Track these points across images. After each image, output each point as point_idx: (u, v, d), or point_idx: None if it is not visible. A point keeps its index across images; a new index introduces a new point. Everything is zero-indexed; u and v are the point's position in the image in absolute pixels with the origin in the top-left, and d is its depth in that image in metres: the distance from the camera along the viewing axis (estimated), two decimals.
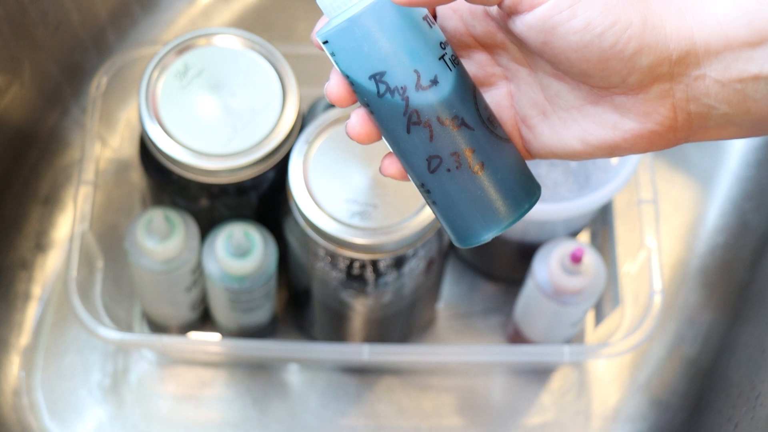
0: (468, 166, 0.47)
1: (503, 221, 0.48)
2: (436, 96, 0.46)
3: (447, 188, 0.48)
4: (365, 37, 0.46)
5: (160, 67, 0.78)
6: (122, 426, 0.90)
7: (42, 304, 0.94)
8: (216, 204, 0.82)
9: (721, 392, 0.86)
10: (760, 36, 0.44)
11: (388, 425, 0.91)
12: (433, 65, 0.46)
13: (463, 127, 0.47)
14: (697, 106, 0.45)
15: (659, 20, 0.44)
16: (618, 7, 0.44)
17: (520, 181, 0.48)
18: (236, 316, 0.86)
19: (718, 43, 0.44)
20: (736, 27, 0.44)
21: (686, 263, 0.98)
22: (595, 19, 0.43)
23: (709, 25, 0.44)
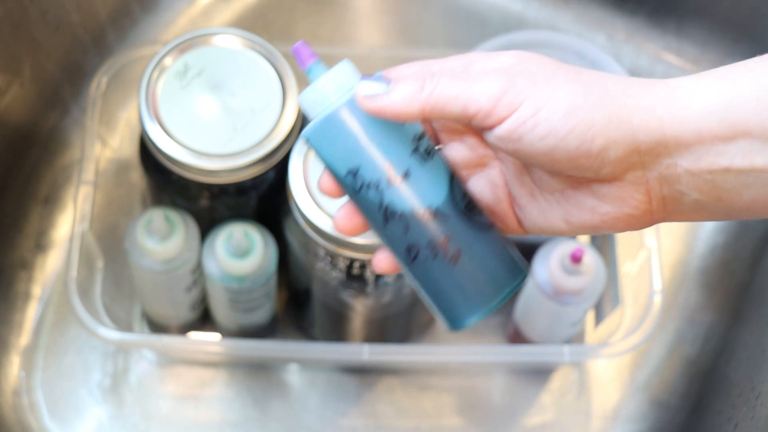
0: (444, 255, 0.48)
1: (485, 305, 0.49)
2: (409, 189, 0.48)
3: (428, 276, 0.49)
4: (339, 134, 0.48)
5: (160, 67, 0.78)
6: (122, 426, 0.90)
7: (42, 304, 0.94)
8: (216, 204, 0.81)
9: (721, 392, 0.86)
10: (733, 131, 0.45)
11: (388, 425, 0.91)
12: (405, 160, 0.48)
13: (438, 217, 0.48)
14: (670, 191, 0.47)
15: (626, 114, 0.45)
16: (582, 109, 0.45)
17: (502, 264, 0.49)
18: (236, 316, 0.86)
19: (689, 136, 0.45)
20: (709, 122, 0.45)
21: (686, 263, 0.98)
22: (557, 125, 0.45)
23: (681, 118, 0.45)
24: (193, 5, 1.05)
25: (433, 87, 0.47)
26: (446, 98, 0.46)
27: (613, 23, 1.06)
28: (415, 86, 0.47)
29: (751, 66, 0.45)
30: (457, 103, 0.46)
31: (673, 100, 0.45)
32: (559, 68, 0.47)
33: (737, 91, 0.45)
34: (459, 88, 0.46)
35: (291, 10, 1.06)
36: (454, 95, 0.46)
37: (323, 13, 1.07)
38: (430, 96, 0.46)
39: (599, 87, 0.46)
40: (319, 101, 0.48)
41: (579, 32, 1.06)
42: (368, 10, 1.08)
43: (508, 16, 1.07)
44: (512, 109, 0.46)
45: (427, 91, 0.47)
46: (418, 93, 0.47)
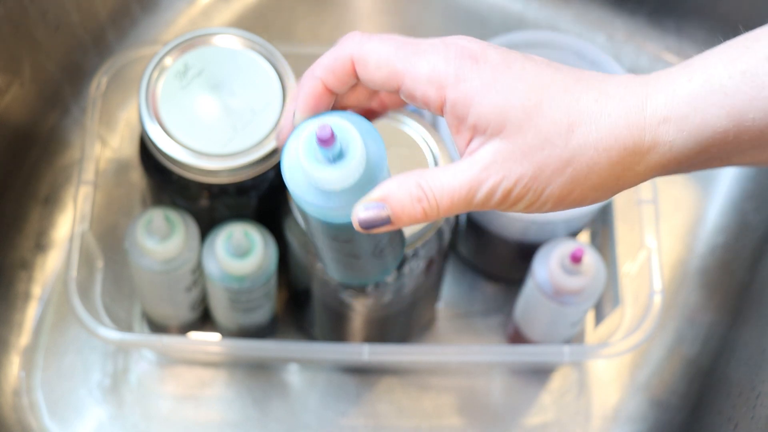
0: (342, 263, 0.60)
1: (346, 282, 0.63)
2: (342, 245, 0.56)
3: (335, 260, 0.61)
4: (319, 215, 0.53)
5: (160, 67, 0.78)
6: (122, 426, 0.90)
7: (42, 304, 0.94)
8: (216, 204, 0.81)
9: (721, 392, 0.86)
10: (711, 155, 0.47)
11: (388, 425, 0.91)
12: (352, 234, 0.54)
13: (352, 258, 0.58)
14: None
15: (613, 180, 0.47)
16: (575, 192, 0.48)
17: (374, 273, 0.62)
18: (236, 316, 0.86)
19: (670, 169, 0.48)
20: (689, 155, 0.47)
21: (686, 263, 0.98)
22: (552, 208, 0.49)
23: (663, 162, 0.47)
24: (193, 5, 1.05)
25: (436, 212, 0.49)
26: (449, 213, 0.50)
27: (613, 23, 1.06)
28: (418, 216, 0.49)
29: (725, 87, 0.46)
30: (459, 212, 0.50)
31: (655, 150, 0.47)
32: (543, 148, 0.48)
33: (717, 121, 0.46)
34: (458, 202, 0.49)
35: (291, 10, 1.06)
36: (454, 210, 0.50)
37: (323, 13, 1.06)
38: (434, 218, 0.50)
39: (586, 165, 0.47)
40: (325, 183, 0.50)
41: (579, 32, 1.06)
42: (368, 10, 1.08)
43: (508, 16, 1.07)
44: (508, 208, 0.49)
45: (431, 216, 0.50)
46: (422, 219, 0.50)
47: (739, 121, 0.45)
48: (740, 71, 0.45)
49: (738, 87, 0.45)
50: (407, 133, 0.76)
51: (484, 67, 0.48)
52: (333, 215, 0.51)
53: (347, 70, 0.51)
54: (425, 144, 0.76)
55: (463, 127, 0.49)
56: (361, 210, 0.49)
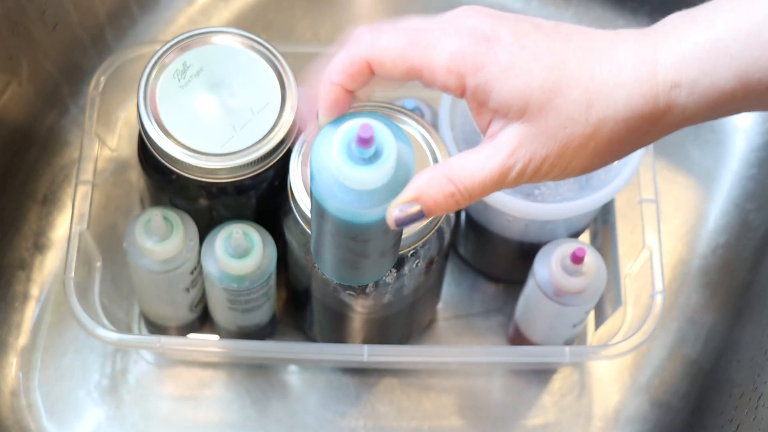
0: (349, 263, 0.61)
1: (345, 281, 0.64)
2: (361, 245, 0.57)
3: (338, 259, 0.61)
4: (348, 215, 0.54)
5: (159, 66, 0.77)
6: (121, 427, 0.90)
7: (40, 304, 0.93)
8: (215, 204, 0.81)
9: (723, 393, 0.86)
10: (721, 112, 0.49)
11: (388, 426, 0.91)
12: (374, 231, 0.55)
13: (362, 257, 0.59)
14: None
15: (632, 147, 0.50)
16: (596, 162, 0.50)
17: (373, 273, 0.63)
18: (235, 316, 0.86)
19: (681, 128, 0.49)
20: (700, 115, 0.48)
21: (688, 263, 0.98)
22: (575, 176, 0.51)
23: (677, 123, 0.49)
24: (193, 4, 1.05)
25: (468, 200, 0.51)
26: (478, 198, 0.51)
27: (614, 23, 1.05)
28: (450, 207, 0.51)
29: (731, 49, 0.47)
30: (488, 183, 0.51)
31: (669, 113, 0.48)
32: (565, 126, 0.49)
33: (725, 83, 0.47)
34: (489, 188, 0.50)
35: (291, 9, 1.06)
36: (484, 195, 0.51)
37: (323, 13, 1.06)
38: (465, 205, 0.51)
39: (607, 138, 0.49)
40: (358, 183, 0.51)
41: None
42: (368, 10, 1.08)
43: None
44: (533, 180, 0.51)
45: (463, 205, 0.51)
46: (455, 208, 0.51)
47: (746, 81, 0.46)
48: (745, 31, 0.46)
49: (743, 48, 0.46)
50: (407, 132, 0.75)
51: (499, 49, 0.49)
52: (361, 215, 0.52)
53: (364, 71, 0.52)
54: (425, 143, 0.75)
55: (484, 110, 0.50)
56: (396, 211, 0.51)
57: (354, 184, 0.50)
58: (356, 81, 0.52)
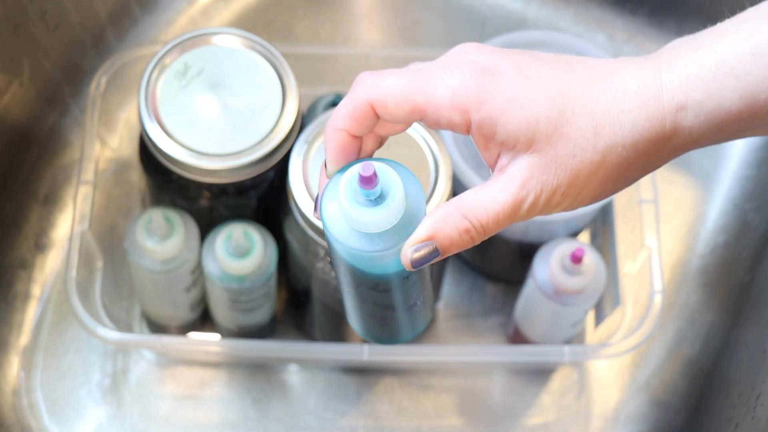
0: (375, 319, 0.58)
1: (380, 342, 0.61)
2: (383, 296, 0.55)
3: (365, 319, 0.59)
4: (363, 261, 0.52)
5: (160, 67, 0.78)
6: (121, 426, 0.90)
7: (41, 304, 0.94)
8: (216, 204, 0.81)
9: (722, 393, 0.86)
10: (728, 135, 0.48)
11: (388, 425, 0.91)
12: (394, 282, 0.54)
13: (388, 310, 0.57)
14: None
15: (642, 171, 0.49)
16: (608, 190, 0.50)
17: (407, 329, 0.60)
18: (236, 316, 0.86)
19: (690, 150, 0.49)
20: (707, 138, 0.48)
21: (687, 263, 0.98)
22: (587, 205, 0.51)
23: (685, 146, 0.49)
24: (193, 5, 1.05)
25: (482, 237, 0.51)
26: (492, 233, 0.51)
27: (614, 23, 1.06)
28: (466, 245, 0.50)
29: (737, 70, 0.47)
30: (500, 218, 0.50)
31: (676, 136, 0.48)
32: (574, 155, 0.49)
33: (731, 104, 0.47)
34: (503, 223, 0.50)
35: (291, 10, 1.06)
36: (499, 230, 0.51)
37: (323, 12, 1.06)
38: (479, 241, 0.51)
39: (616, 164, 0.48)
40: (367, 226, 0.50)
41: (579, 32, 1.06)
42: (368, 9, 1.08)
43: (508, 16, 1.07)
44: (546, 213, 0.50)
45: (477, 241, 0.51)
46: (470, 245, 0.51)
47: (752, 102, 0.46)
48: (750, 53, 0.46)
49: (749, 69, 0.46)
50: (407, 133, 0.75)
51: (501, 81, 0.49)
52: (376, 259, 0.51)
53: (368, 114, 0.51)
54: (425, 144, 0.76)
55: (491, 144, 0.49)
56: (411, 252, 0.50)
57: (364, 227, 0.49)
58: (361, 125, 0.51)
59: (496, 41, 0.87)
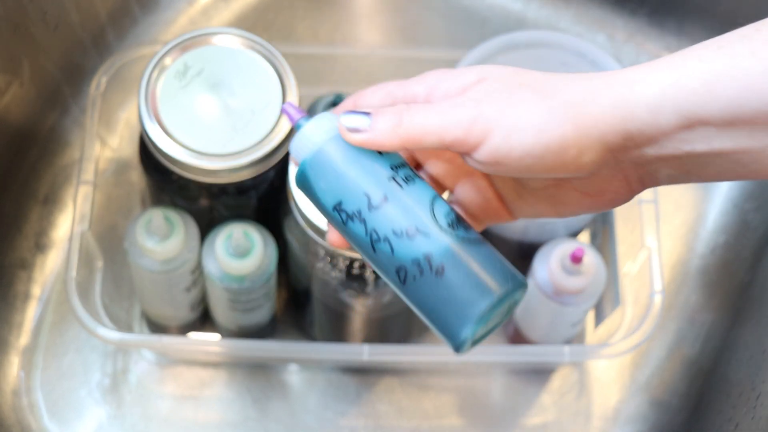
0: (429, 270, 0.50)
1: (474, 312, 0.49)
2: (389, 213, 0.50)
3: (419, 294, 0.50)
4: (322, 172, 0.51)
5: (160, 67, 0.78)
6: (121, 426, 0.90)
7: (41, 304, 0.94)
8: (216, 204, 0.81)
9: (722, 392, 0.86)
10: (689, 121, 0.47)
11: (388, 425, 0.91)
12: (383, 186, 0.50)
13: (419, 235, 0.50)
14: (645, 172, 0.50)
15: (592, 121, 0.48)
16: (550, 126, 0.48)
17: (490, 274, 0.50)
18: (236, 316, 0.86)
19: (651, 130, 0.48)
20: (667, 115, 0.47)
21: (687, 263, 0.98)
22: (531, 147, 0.48)
23: (641, 116, 0.47)
24: (193, 5, 1.05)
25: (410, 119, 0.49)
26: (423, 130, 0.49)
27: (614, 23, 1.06)
28: (394, 119, 0.50)
29: (701, 54, 0.47)
30: (432, 134, 0.49)
31: (631, 97, 0.47)
32: (521, 83, 0.49)
33: (689, 81, 0.46)
34: (433, 119, 0.49)
35: (291, 10, 1.06)
36: (430, 127, 0.49)
37: (323, 13, 1.06)
38: (408, 129, 0.49)
39: (561, 98, 0.48)
40: (304, 146, 0.52)
41: (579, 32, 1.06)
42: (368, 9, 1.08)
43: (508, 16, 1.07)
44: (485, 136, 0.48)
45: (405, 124, 0.49)
46: (397, 126, 0.50)
47: (711, 86, 0.46)
48: (717, 46, 0.47)
49: (712, 57, 0.46)
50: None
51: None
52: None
53: None
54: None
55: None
56: (344, 113, 0.51)
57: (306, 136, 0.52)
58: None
59: (496, 41, 0.87)
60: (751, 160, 0.47)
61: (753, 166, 0.48)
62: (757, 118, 0.46)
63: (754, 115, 0.46)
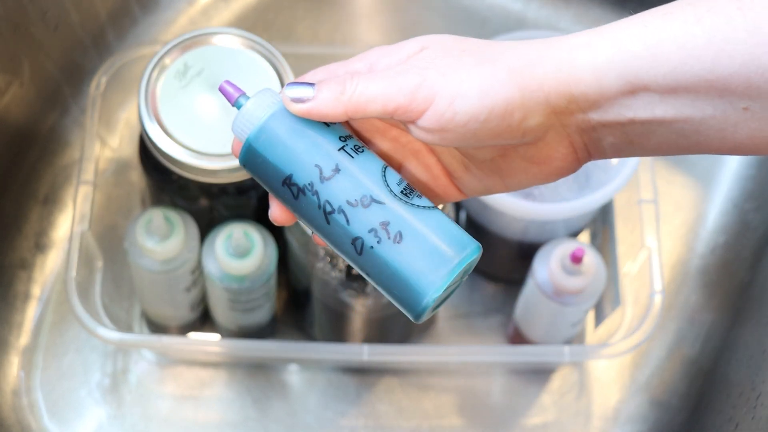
0: (387, 238, 0.49)
1: (435, 281, 0.49)
2: (341, 184, 0.50)
3: (377, 264, 0.50)
4: (268, 146, 0.50)
5: (160, 67, 0.78)
6: (121, 426, 0.90)
7: (41, 304, 0.94)
8: (216, 204, 0.81)
9: (722, 392, 0.86)
10: (632, 86, 0.47)
11: (388, 425, 0.91)
12: (334, 157, 0.50)
13: (374, 204, 0.50)
14: (590, 139, 0.50)
15: (536, 83, 0.48)
16: (494, 89, 0.48)
17: (447, 240, 0.50)
18: (236, 316, 0.86)
19: (594, 93, 0.48)
20: (609, 78, 0.47)
21: (687, 263, 0.98)
22: (475, 110, 0.47)
23: (585, 79, 0.47)
24: (193, 5, 1.05)
25: (354, 88, 0.49)
26: (366, 98, 0.49)
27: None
28: (338, 88, 0.49)
29: (646, 20, 0.47)
30: (376, 101, 0.49)
31: (575, 61, 0.48)
32: (463, 50, 0.49)
33: (633, 46, 0.46)
34: (377, 87, 0.49)
35: (291, 10, 1.06)
36: (373, 95, 0.49)
37: (323, 13, 1.06)
38: (351, 96, 0.49)
39: (505, 62, 0.48)
40: (248, 123, 0.51)
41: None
42: (368, 9, 1.08)
43: (508, 16, 1.07)
44: (429, 102, 0.48)
45: (348, 92, 0.49)
46: (341, 95, 0.49)
47: (654, 51, 0.46)
48: (662, 13, 0.47)
49: (657, 24, 0.46)
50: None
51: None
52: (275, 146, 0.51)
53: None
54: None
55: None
56: (287, 85, 0.51)
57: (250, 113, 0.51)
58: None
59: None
60: (692, 131, 0.47)
61: (694, 137, 0.48)
62: (699, 85, 0.46)
63: (697, 82, 0.46)
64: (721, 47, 0.45)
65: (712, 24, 0.45)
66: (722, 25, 0.45)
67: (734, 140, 0.47)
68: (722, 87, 0.45)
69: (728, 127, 0.47)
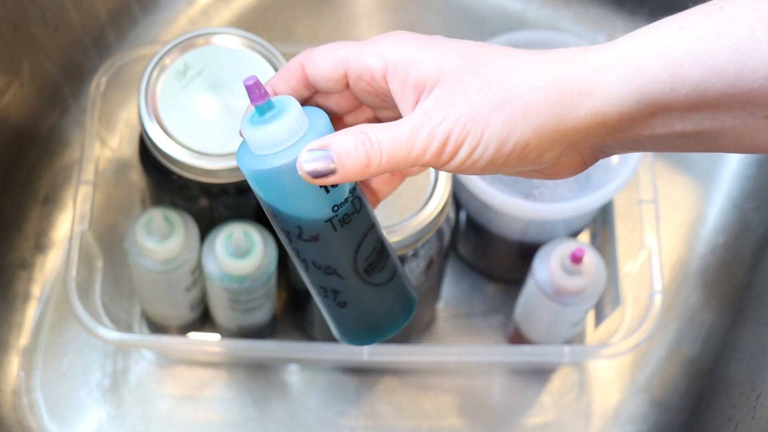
0: (333, 301, 0.56)
1: (355, 341, 0.59)
2: (315, 248, 0.53)
3: (322, 306, 0.57)
4: (262, 189, 0.52)
5: (160, 67, 0.78)
6: (121, 426, 0.90)
7: (41, 304, 0.94)
8: (216, 204, 0.81)
9: (722, 392, 0.86)
10: (653, 109, 0.47)
11: (388, 425, 0.91)
12: (317, 227, 0.52)
13: (334, 275, 0.54)
14: (602, 152, 0.51)
15: (554, 124, 0.48)
16: (513, 134, 0.48)
17: (378, 320, 0.58)
18: (236, 316, 0.86)
19: (613, 121, 0.48)
20: (630, 105, 0.47)
21: (687, 263, 0.98)
22: (495, 157, 0.49)
23: (604, 110, 0.47)
24: (193, 5, 1.05)
25: (379, 158, 0.49)
26: (391, 165, 0.50)
27: (613, 23, 1.06)
28: (362, 161, 0.49)
29: (663, 36, 0.46)
30: (399, 164, 0.50)
31: (594, 91, 0.47)
32: (479, 87, 0.49)
33: (654, 69, 0.46)
34: (400, 152, 0.49)
35: (291, 10, 1.06)
36: (396, 162, 0.50)
37: (323, 13, 1.06)
38: (378, 167, 0.50)
39: (523, 102, 0.48)
40: (266, 147, 0.51)
41: (579, 32, 1.06)
42: (368, 9, 1.08)
43: (508, 15, 1.07)
44: (452, 156, 0.49)
45: (374, 164, 0.49)
46: (367, 167, 0.50)
47: (675, 71, 0.45)
48: (679, 26, 0.46)
49: (675, 40, 0.46)
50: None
51: (423, 38, 0.51)
52: (291, 198, 0.52)
53: (296, 75, 0.53)
54: None
55: (407, 91, 0.50)
56: (304, 156, 0.50)
57: (262, 141, 0.50)
58: (288, 85, 0.53)
59: (495, 41, 0.87)
60: (711, 139, 0.47)
61: (711, 143, 0.48)
62: (720, 100, 0.45)
63: (718, 97, 0.45)
64: (744, 62, 0.44)
65: (732, 38, 0.44)
66: (744, 39, 0.44)
67: (752, 144, 0.47)
68: (745, 100, 0.45)
69: (748, 133, 0.47)
